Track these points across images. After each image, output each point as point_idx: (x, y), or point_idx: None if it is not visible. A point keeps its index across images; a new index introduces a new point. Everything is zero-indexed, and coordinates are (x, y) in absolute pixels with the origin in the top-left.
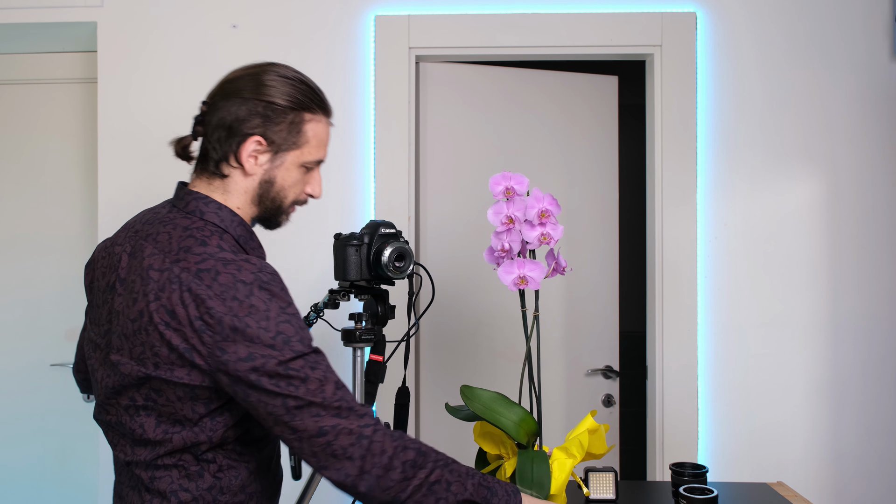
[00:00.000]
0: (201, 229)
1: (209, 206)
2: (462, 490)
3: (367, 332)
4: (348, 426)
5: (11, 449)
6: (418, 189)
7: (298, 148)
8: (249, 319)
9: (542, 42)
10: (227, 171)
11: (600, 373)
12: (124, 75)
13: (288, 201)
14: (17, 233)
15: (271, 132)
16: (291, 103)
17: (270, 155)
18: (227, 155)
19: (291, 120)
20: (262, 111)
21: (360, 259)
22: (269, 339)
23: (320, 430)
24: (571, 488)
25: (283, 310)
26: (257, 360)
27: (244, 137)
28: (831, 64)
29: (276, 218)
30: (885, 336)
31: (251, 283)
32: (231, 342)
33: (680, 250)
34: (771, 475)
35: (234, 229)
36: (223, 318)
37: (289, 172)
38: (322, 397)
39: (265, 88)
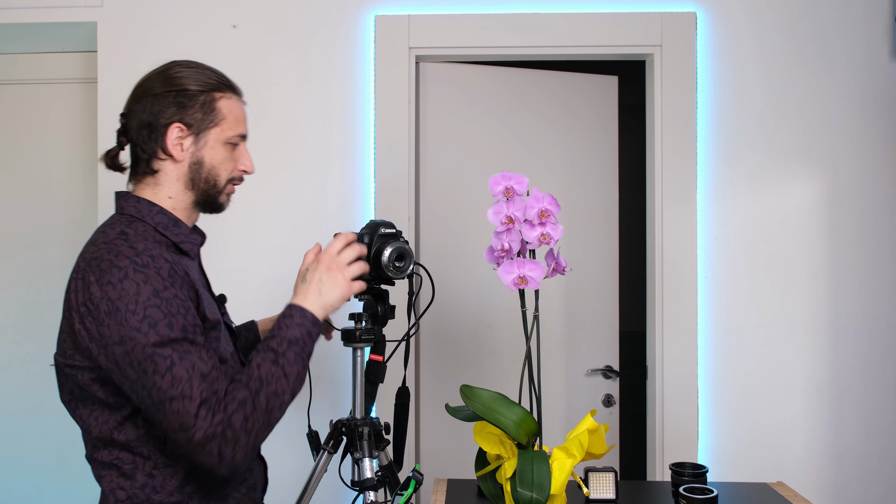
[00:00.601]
0: (113, 223)
1: (128, 202)
2: (275, 360)
3: (367, 331)
4: (202, 428)
5: (11, 448)
6: (418, 189)
7: (217, 125)
8: (120, 303)
9: (542, 42)
10: (157, 166)
11: (600, 373)
12: (124, 75)
13: (222, 180)
14: (16, 232)
15: (188, 117)
16: (199, 86)
17: (193, 138)
18: (154, 150)
19: (203, 101)
20: (175, 100)
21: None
22: (135, 322)
23: (182, 426)
24: (571, 488)
25: (156, 293)
26: (126, 343)
27: (165, 128)
28: (831, 64)
29: (215, 198)
30: (885, 336)
31: (125, 267)
32: (106, 326)
33: (680, 250)
34: (771, 475)
35: (152, 218)
36: (99, 302)
37: (215, 150)
38: (181, 393)
39: (172, 80)
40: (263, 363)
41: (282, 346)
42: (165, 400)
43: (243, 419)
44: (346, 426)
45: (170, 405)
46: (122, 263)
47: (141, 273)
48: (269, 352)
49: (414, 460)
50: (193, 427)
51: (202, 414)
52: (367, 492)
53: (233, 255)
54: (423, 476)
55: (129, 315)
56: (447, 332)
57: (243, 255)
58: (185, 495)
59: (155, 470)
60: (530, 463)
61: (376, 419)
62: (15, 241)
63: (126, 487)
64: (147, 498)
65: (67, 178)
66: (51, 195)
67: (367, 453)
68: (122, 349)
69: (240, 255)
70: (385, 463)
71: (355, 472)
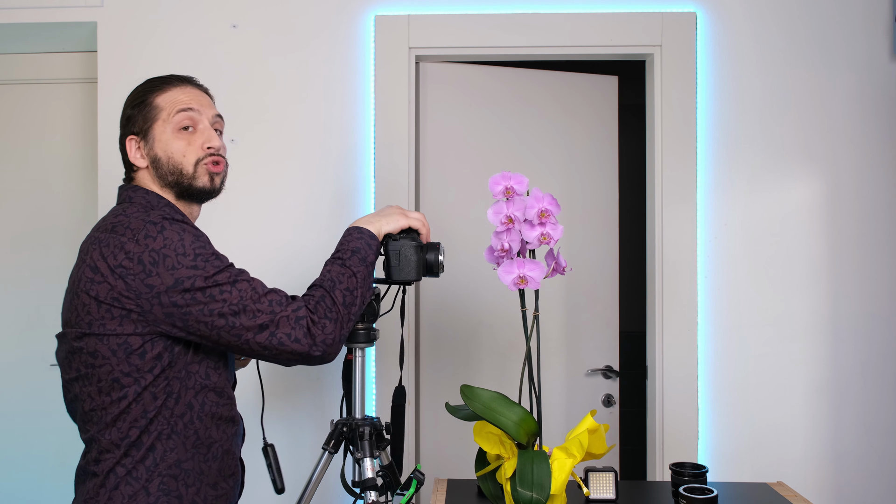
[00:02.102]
0: (126, 207)
1: (137, 192)
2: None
3: (367, 331)
4: (284, 313)
5: (11, 448)
6: (418, 189)
7: (157, 119)
8: (167, 250)
9: (541, 42)
10: (134, 177)
11: (600, 373)
12: (124, 75)
13: (189, 164)
14: (16, 232)
15: (134, 126)
16: (136, 100)
17: (143, 142)
18: (130, 165)
19: (140, 111)
20: (124, 118)
21: (419, 259)
22: (189, 262)
23: (260, 326)
24: (571, 488)
25: (196, 237)
26: (185, 282)
27: (124, 145)
28: (831, 64)
29: (192, 184)
30: (885, 336)
31: (159, 222)
32: (155, 276)
33: (680, 250)
34: (771, 475)
35: (161, 209)
36: (141, 255)
37: (166, 143)
38: (251, 297)
39: (124, 108)
40: (333, 267)
41: (346, 254)
42: (240, 310)
43: (326, 308)
44: (346, 426)
45: (246, 313)
46: (156, 220)
47: (177, 224)
48: (335, 260)
49: (414, 460)
50: (279, 314)
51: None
52: (369, 492)
53: (232, 254)
54: (424, 476)
55: (180, 258)
56: (447, 332)
57: (243, 254)
58: (182, 471)
59: (157, 442)
60: (530, 463)
61: (377, 419)
62: (15, 240)
63: (126, 464)
64: (147, 470)
65: (67, 178)
66: (51, 195)
67: (367, 453)
68: (178, 291)
69: (239, 254)
70: (386, 463)
71: (356, 472)
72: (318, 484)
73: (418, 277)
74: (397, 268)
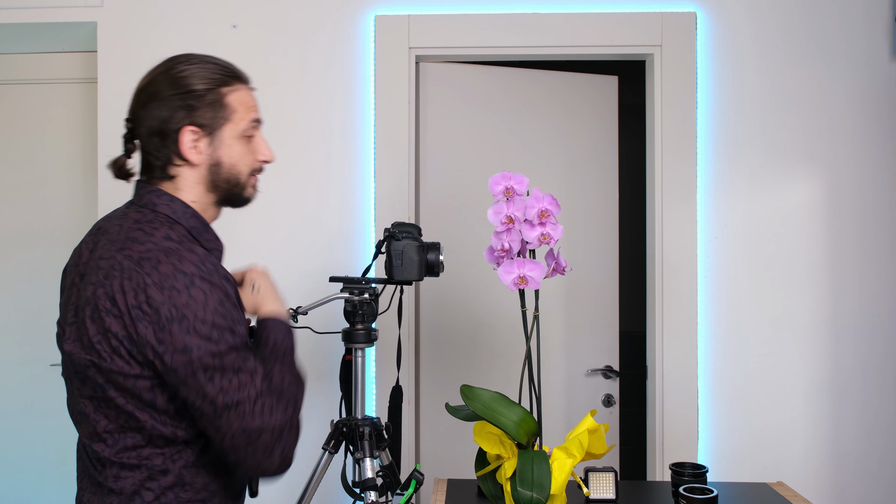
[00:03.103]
0: (151, 221)
1: (161, 199)
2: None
3: (368, 331)
4: (271, 425)
5: (11, 449)
6: (418, 189)
7: (229, 121)
8: (187, 310)
9: (541, 42)
10: (174, 172)
11: (600, 373)
12: (124, 75)
13: (244, 175)
14: (16, 232)
15: (199, 118)
16: (207, 84)
17: (208, 139)
18: (168, 156)
19: (212, 99)
20: (183, 102)
21: (421, 259)
22: (205, 330)
23: (243, 431)
24: (571, 488)
25: (221, 302)
26: (193, 351)
27: (177, 133)
28: (831, 64)
29: (240, 193)
30: (885, 336)
31: (191, 274)
32: (167, 332)
33: (680, 250)
34: (771, 475)
35: (187, 220)
36: (161, 307)
37: (231, 148)
38: (248, 393)
39: (177, 81)
40: (285, 373)
41: (289, 355)
42: (232, 404)
43: (294, 417)
44: (346, 426)
45: (235, 409)
46: (189, 270)
47: (207, 282)
48: (284, 364)
49: (414, 460)
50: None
51: (267, 410)
52: (369, 492)
53: (232, 254)
54: (423, 476)
55: (197, 324)
56: (447, 332)
57: (243, 254)
58: (210, 493)
59: (185, 470)
60: (530, 463)
61: (377, 419)
62: (15, 240)
63: (154, 488)
64: (176, 497)
65: (67, 179)
66: (51, 195)
67: (367, 453)
68: (185, 357)
69: (239, 254)
70: (386, 463)
71: (356, 472)
72: (318, 484)
73: (420, 277)
74: (399, 267)
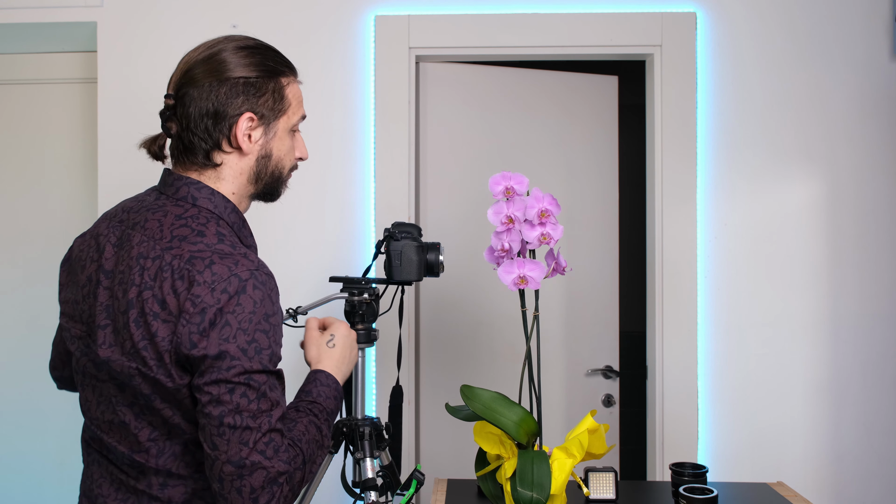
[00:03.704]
0: (195, 217)
1: (202, 192)
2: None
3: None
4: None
5: (11, 449)
6: (418, 189)
7: (285, 114)
8: (232, 317)
9: (542, 42)
10: (219, 159)
11: (600, 373)
12: (124, 75)
13: (287, 170)
14: (16, 232)
15: (259, 106)
16: (267, 72)
17: (263, 129)
18: (219, 141)
19: (272, 89)
20: (243, 88)
21: (421, 259)
22: (243, 342)
23: (238, 462)
24: (571, 488)
25: (266, 317)
26: (224, 359)
27: (235, 118)
28: (831, 64)
29: (278, 189)
30: (885, 336)
31: (246, 280)
32: (204, 336)
33: (680, 250)
34: (771, 475)
35: (228, 216)
36: (208, 309)
37: (282, 141)
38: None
39: (243, 63)
40: (311, 429)
41: (323, 415)
42: (240, 426)
43: (300, 479)
44: (346, 426)
45: (241, 434)
46: (244, 275)
47: (259, 291)
48: (314, 418)
49: (414, 460)
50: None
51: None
52: (369, 492)
53: None
54: (424, 476)
55: (238, 333)
56: (447, 332)
57: None
58: None
59: None
60: (530, 463)
61: (377, 419)
62: (15, 240)
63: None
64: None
65: (67, 179)
66: (51, 195)
67: (368, 453)
68: (215, 363)
69: None
70: (386, 463)
71: (356, 472)
72: (318, 484)
73: (419, 277)
74: (399, 268)
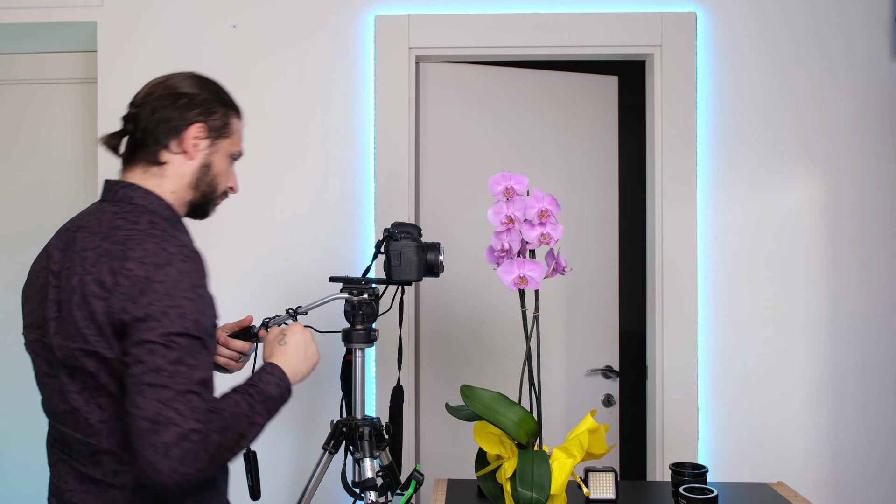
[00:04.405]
0: (131, 212)
1: (137, 192)
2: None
3: (368, 331)
4: (181, 422)
5: (10, 449)
6: (418, 189)
7: (228, 138)
8: (159, 285)
9: (541, 42)
10: (165, 158)
11: (600, 373)
12: (124, 75)
13: (220, 189)
14: (16, 232)
15: (209, 120)
16: (222, 100)
17: (210, 141)
18: (167, 142)
19: (223, 113)
20: (200, 103)
21: (420, 259)
22: (166, 305)
23: (155, 416)
24: (571, 488)
25: (193, 288)
26: (148, 321)
27: (186, 125)
28: (831, 64)
29: (208, 205)
30: (885, 336)
31: (174, 254)
32: (134, 302)
33: (680, 250)
34: (771, 475)
35: (162, 212)
36: (138, 278)
37: (222, 160)
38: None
39: (202, 86)
40: (240, 404)
41: (259, 397)
42: (157, 385)
43: (224, 442)
44: (346, 426)
45: (159, 392)
46: (171, 249)
47: (187, 264)
48: (246, 396)
49: (414, 460)
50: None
51: (187, 410)
52: (369, 492)
53: (232, 254)
54: (423, 476)
55: (163, 297)
56: (447, 332)
57: (244, 254)
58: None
59: None
60: (530, 463)
61: (377, 419)
62: (14, 240)
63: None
64: None
65: (67, 179)
66: (50, 195)
67: (367, 453)
68: (141, 325)
69: (239, 254)
70: (386, 463)
71: (356, 472)
72: (318, 484)
73: (419, 277)
74: (398, 268)
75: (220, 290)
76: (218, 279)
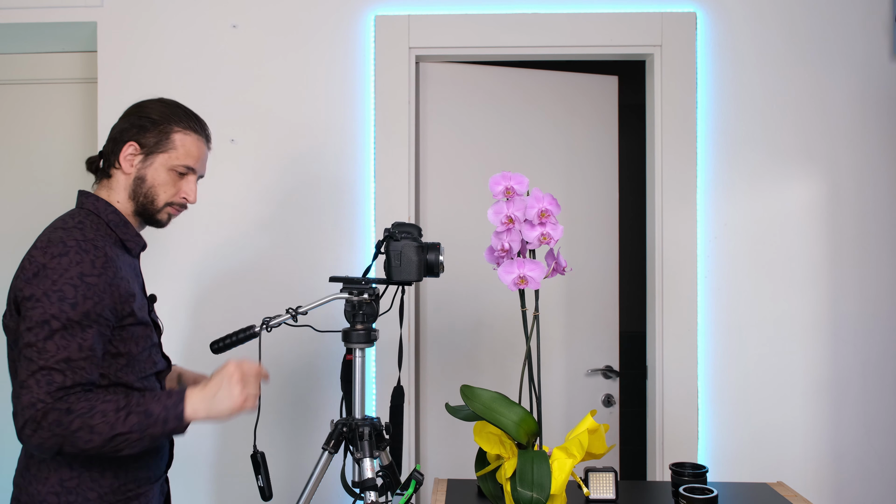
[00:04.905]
0: (74, 215)
1: (89, 199)
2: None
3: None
4: (34, 392)
5: (11, 448)
6: (418, 189)
7: (166, 152)
8: (50, 271)
9: (542, 42)
10: (112, 173)
11: (600, 373)
12: (124, 75)
13: (160, 199)
14: (16, 233)
15: (143, 139)
16: (162, 117)
17: (143, 157)
18: (112, 160)
19: (161, 129)
20: (137, 122)
21: (420, 259)
22: (48, 288)
23: (21, 383)
24: (571, 488)
25: (81, 276)
26: (31, 301)
27: (122, 143)
28: (831, 64)
29: (153, 215)
30: (885, 336)
31: (71, 246)
32: (27, 283)
33: (680, 250)
34: (771, 475)
35: (107, 216)
36: (38, 264)
37: (157, 173)
38: (42, 359)
39: (144, 109)
40: (110, 403)
41: (138, 407)
42: (30, 360)
43: (63, 422)
44: (346, 426)
45: (28, 364)
46: (70, 243)
47: (79, 255)
48: (123, 399)
49: (414, 460)
50: (31, 391)
51: (43, 384)
52: (368, 492)
53: (233, 255)
54: (423, 476)
55: (48, 282)
56: (447, 332)
57: (245, 254)
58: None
59: None
60: (530, 463)
61: (377, 419)
62: (14, 240)
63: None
64: None
65: (67, 179)
66: (50, 195)
67: (367, 453)
68: (26, 304)
69: (238, 253)
70: (386, 463)
71: (356, 472)
72: (318, 484)
73: (419, 277)
74: (398, 268)
75: (221, 289)
76: (218, 279)
